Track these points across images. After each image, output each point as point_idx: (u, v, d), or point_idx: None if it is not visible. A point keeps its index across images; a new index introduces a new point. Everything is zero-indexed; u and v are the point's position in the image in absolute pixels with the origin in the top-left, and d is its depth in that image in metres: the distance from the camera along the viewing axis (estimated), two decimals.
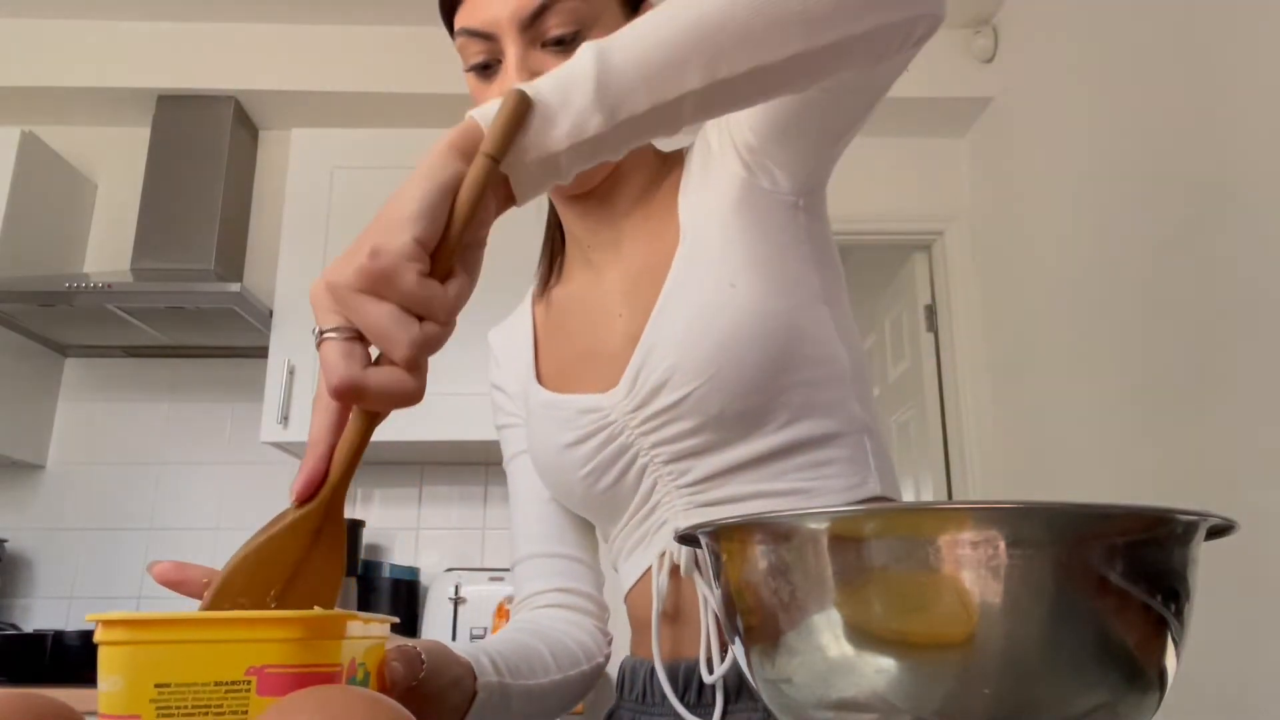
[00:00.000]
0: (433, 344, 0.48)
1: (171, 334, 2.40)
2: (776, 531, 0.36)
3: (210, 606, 0.45)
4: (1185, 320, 1.71)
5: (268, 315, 2.31)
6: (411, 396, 0.47)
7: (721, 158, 0.79)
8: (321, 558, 0.49)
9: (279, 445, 2.29)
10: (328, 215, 2.38)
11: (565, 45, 0.74)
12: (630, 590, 0.83)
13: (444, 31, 0.80)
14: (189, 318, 2.28)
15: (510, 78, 0.72)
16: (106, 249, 2.61)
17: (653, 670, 0.77)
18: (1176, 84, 1.76)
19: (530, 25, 0.73)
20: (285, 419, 2.21)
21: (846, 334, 0.78)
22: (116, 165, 2.67)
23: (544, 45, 0.74)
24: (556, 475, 0.81)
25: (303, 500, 0.49)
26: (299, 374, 2.25)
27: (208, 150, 2.50)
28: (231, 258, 2.53)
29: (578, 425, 0.78)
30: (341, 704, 0.35)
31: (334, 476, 0.48)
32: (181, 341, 2.46)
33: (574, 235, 0.86)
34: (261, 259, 2.61)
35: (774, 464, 0.74)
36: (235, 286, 2.17)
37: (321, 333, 0.47)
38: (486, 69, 0.75)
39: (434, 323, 0.48)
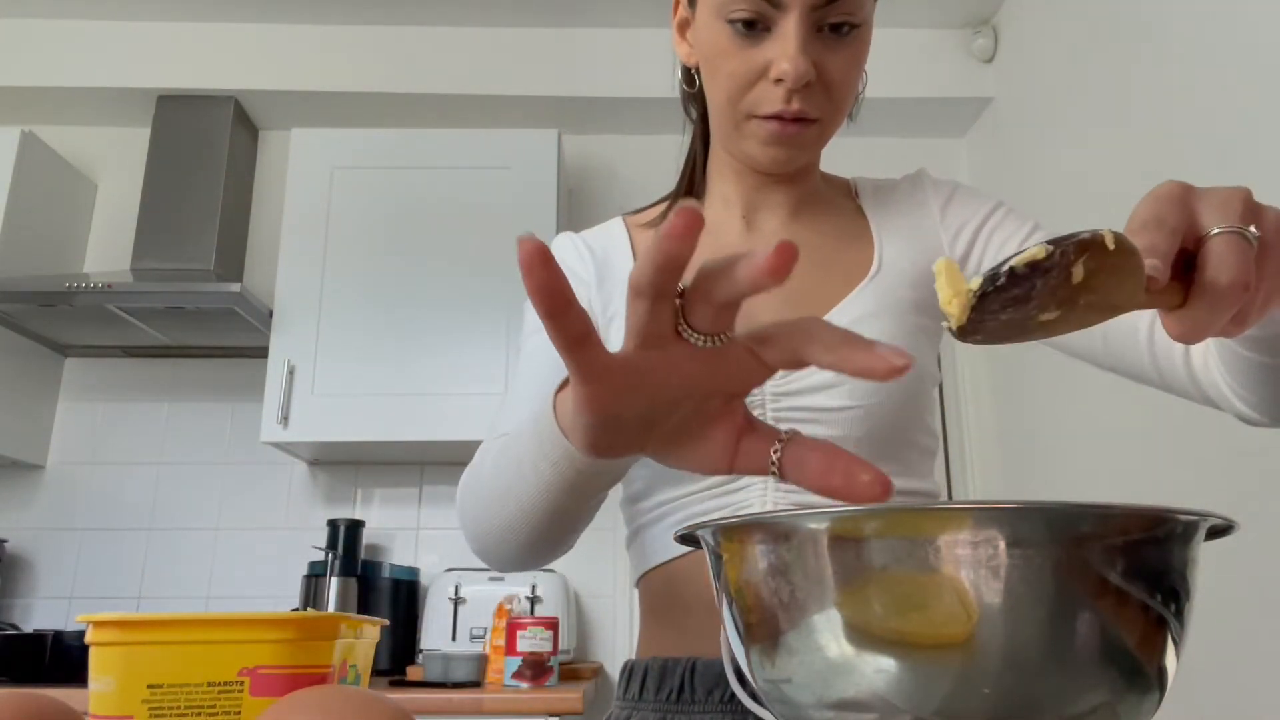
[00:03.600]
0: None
1: (171, 334, 2.40)
2: (776, 531, 0.36)
3: (1117, 239, 0.42)
4: None
5: (268, 315, 2.31)
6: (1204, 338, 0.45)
7: (940, 222, 0.84)
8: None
9: (279, 445, 2.29)
10: (328, 215, 2.38)
11: (840, 35, 0.75)
12: (658, 568, 0.79)
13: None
14: (189, 318, 2.28)
15: (790, 52, 0.72)
16: (106, 249, 2.61)
17: (695, 666, 0.74)
18: (1177, 83, 1.76)
19: (824, 5, 0.73)
20: (285, 419, 2.21)
21: None
22: (116, 165, 2.68)
23: (819, 29, 0.74)
24: None
25: (1156, 287, 0.42)
26: (299, 374, 2.25)
27: (208, 150, 2.50)
28: (231, 258, 2.53)
29: None
30: (341, 704, 0.34)
31: (1150, 301, 0.44)
32: (181, 341, 2.46)
33: (732, 197, 0.87)
34: (261, 259, 2.61)
35: None
36: (235, 286, 2.17)
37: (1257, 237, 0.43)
38: (751, 27, 0.74)
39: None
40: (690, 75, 0.86)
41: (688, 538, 0.44)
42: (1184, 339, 0.44)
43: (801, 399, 0.76)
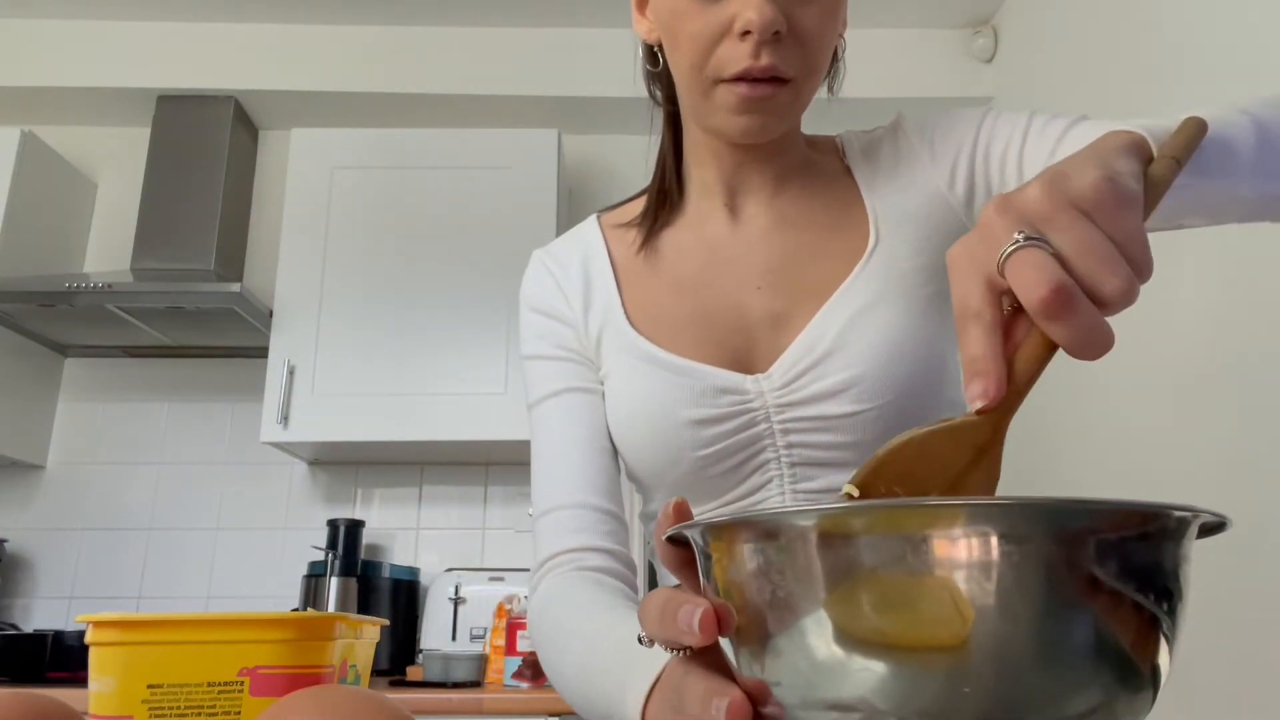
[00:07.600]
0: (1134, 293, 0.40)
1: (171, 334, 2.40)
2: (764, 530, 0.36)
3: (861, 483, 0.41)
4: (1185, 316, 1.71)
5: (268, 315, 2.31)
6: (1107, 343, 0.40)
7: (931, 166, 0.77)
8: (975, 484, 0.43)
9: (279, 445, 2.29)
10: (328, 215, 2.38)
11: None
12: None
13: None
14: (189, 318, 2.29)
15: (754, 5, 0.66)
16: (106, 249, 2.61)
17: None
18: (1177, 83, 1.76)
19: None
20: (285, 419, 2.21)
21: None
22: (116, 165, 2.68)
23: None
24: (664, 445, 0.74)
25: (991, 406, 0.42)
26: (299, 374, 2.25)
27: (208, 150, 2.50)
28: (231, 258, 2.53)
29: (714, 404, 0.73)
30: (341, 703, 0.35)
31: (1014, 396, 0.42)
32: (181, 341, 2.46)
33: (711, 182, 0.81)
34: (261, 259, 2.61)
35: None
36: (235, 286, 2.18)
37: (1026, 238, 0.40)
38: None
39: (1135, 274, 0.41)
40: (654, 54, 0.81)
41: (675, 539, 0.44)
42: (1083, 354, 0.40)
43: (808, 409, 0.72)
